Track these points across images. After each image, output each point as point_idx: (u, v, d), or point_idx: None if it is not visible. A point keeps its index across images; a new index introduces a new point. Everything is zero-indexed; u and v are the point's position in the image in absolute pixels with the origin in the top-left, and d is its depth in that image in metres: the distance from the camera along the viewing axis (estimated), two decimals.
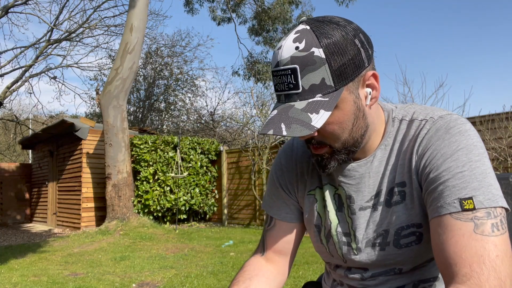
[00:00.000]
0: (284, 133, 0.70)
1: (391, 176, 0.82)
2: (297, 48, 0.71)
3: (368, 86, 0.77)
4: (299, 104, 0.72)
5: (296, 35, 0.73)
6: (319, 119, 0.70)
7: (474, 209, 0.67)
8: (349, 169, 0.85)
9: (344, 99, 0.74)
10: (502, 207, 0.68)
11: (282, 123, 0.71)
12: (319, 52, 0.70)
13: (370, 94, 0.77)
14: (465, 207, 0.68)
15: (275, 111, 0.75)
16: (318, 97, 0.72)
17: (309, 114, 0.71)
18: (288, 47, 0.72)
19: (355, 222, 0.86)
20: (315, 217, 0.92)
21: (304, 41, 0.71)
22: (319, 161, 0.82)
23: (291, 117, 0.71)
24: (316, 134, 0.76)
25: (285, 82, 0.73)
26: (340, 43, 0.71)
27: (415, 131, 0.81)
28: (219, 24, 12.65)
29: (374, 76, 0.77)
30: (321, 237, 0.92)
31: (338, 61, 0.71)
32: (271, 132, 0.71)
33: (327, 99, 0.71)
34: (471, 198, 0.68)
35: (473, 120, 5.84)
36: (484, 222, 0.67)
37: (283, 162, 0.98)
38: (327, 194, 0.90)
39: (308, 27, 0.73)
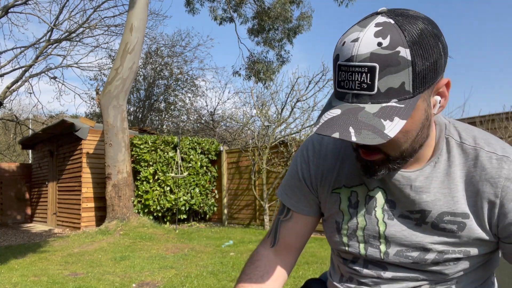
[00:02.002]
0: (354, 139, 0.62)
1: (447, 201, 0.77)
2: (379, 44, 0.63)
3: (438, 94, 0.71)
4: (371, 108, 0.64)
5: (378, 28, 0.64)
6: (393, 128, 0.63)
7: None
8: (393, 177, 0.79)
9: (417, 107, 0.67)
10: None
11: (351, 127, 0.63)
12: (405, 52, 0.63)
13: (439, 103, 0.72)
14: None
15: (337, 111, 0.66)
16: (393, 103, 0.64)
17: (382, 120, 0.63)
18: (368, 41, 0.64)
19: (391, 228, 0.81)
20: (338, 215, 0.88)
21: (389, 37, 0.63)
22: (368, 166, 0.75)
23: (361, 121, 0.63)
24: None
25: (358, 80, 0.64)
26: (426, 45, 0.64)
27: (485, 165, 0.75)
28: (220, 23, 12.65)
29: (447, 84, 0.71)
30: (341, 234, 0.88)
31: (421, 65, 0.64)
32: (336, 135, 0.63)
33: (403, 105, 0.64)
34: None
35: (473, 120, 5.84)
36: None
37: (310, 155, 0.92)
38: (360, 194, 0.85)
39: (392, 21, 0.65)
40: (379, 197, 0.82)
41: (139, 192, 8.30)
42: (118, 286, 3.85)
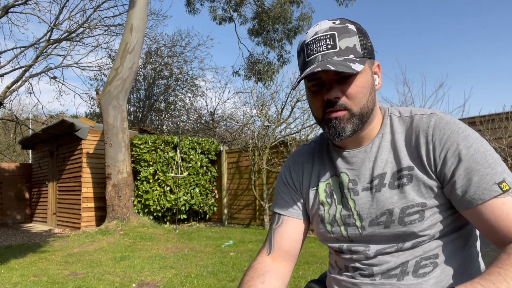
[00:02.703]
0: (332, 68, 0.82)
1: (395, 161, 0.92)
2: (334, 22, 0.90)
3: (375, 73, 0.94)
4: (338, 58, 0.86)
5: (331, 19, 0.92)
6: (357, 67, 0.84)
7: (509, 189, 0.81)
8: (351, 156, 0.97)
9: (366, 70, 0.90)
10: None
11: (328, 64, 0.84)
12: (352, 26, 0.90)
13: (376, 80, 0.94)
14: (503, 188, 0.81)
15: (313, 65, 0.87)
16: (351, 57, 0.87)
17: (348, 63, 0.85)
18: (325, 23, 0.90)
19: (358, 202, 0.95)
20: (319, 208, 1.01)
21: (338, 21, 0.91)
22: (336, 125, 0.91)
23: (334, 62, 0.85)
24: (341, 95, 0.89)
25: (324, 44, 0.88)
26: (363, 31, 0.92)
27: (419, 123, 0.92)
28: (220, 23, 12.64)
29: (379, 67, 0.95)
30: (325, 223, 1.00)
31: (364, 39, 0.90)
32: (318, 69, 0.83)
33: (359, 59, 0.87)
34: (503, 180, 0.81)
35: (473, 120, 5.84)
36: None
37: (290, 164, 1.10)
38: (333, 184, 1.00)
39: (339, 19, 0.92)
40: (344, 179, 0.97)
41: (139, 192, 8.30)
42: (118, 286, 3.85)
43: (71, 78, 53.00)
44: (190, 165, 8.87)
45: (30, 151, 15.27)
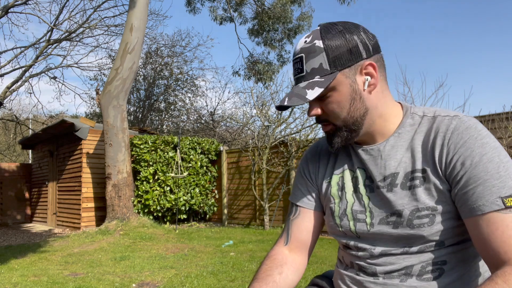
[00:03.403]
0: (285, 103, 0.88)
1: (409, 161, 0.91)
2: (305, 41, 0.91)
3: (366, 74, 0.90)
4: (303, 84, 0.89)
5: (308, 33, 0.93)
6: (312, 94, 0.86)
7: None
8: (365, 153, 0.97)
9: (341, 82, 0.89)
10: None
11: (287, 97, 0.90)
12: (319, 43, 0.88)
13: (367, 81, 0.90)
14: (507, 204, 0.77)
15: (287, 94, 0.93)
16: (316, 78, 0.88)
17: (306, 90, 0.88)
18: (301, 42, 0.92)
19: (373, 199, 0.95)
20: (330, 200, 1.03)
21: (311, 37, 0.91)
22: (328, 137, 0.96)
23: (293, 93, 0.89)
24: (320, 112, 0.92)
25: (297, 68, 0.91)
26: (338, 37, 0.88)
27: (440, 124, 0.89)
28: (221, 23, 12.64)
29: (372, 66, 0.90)
30: (334, 216, 1.01)
31: (335, 51, 0.88)
32: (278, 103, 0.91)
33: (323, 79, 0.87)
34: (511, 195, 0.77)
35: None
36: None
37: (308, 156, 1.12)
38: (346, 178, 1.01)
39: (318, 28, 0.92)
40: (361, 175, 0.98)
41: (139, 192, 8.30)
42: (118, 286, 3.85)
43: (71, 78, 53.00)
44: (190, 165, 8.87)
45: (30, 151, 15.27)
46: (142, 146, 8.44)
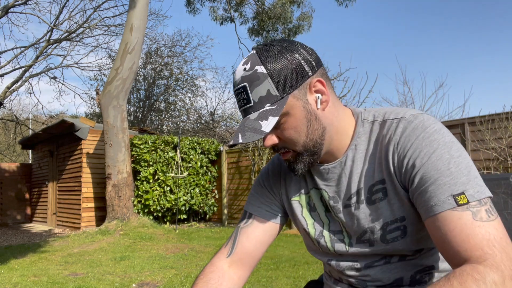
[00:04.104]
0: (240, 140, 0.79)
1: (369, 174, 0.87)
2: (245, 69, 0.83)
3: (316, 91, 0.84)
4: (253, 115, 0.82)
5: (245, 59, 0.85)
6: (268, 124, 0.79)
7: (468, 202, 0.72)
8: (326, 172, 0.92)
9: (293, 105, 0.82)
10: (488, 197, 0.74)
11: (240, 133, 0.81)
12: (261, 68, 0.81)
13: (319, 99, 0.84)
14: (459, 202, 0.72)
15: (237, 126, 0.85)
16: (267, 107, 0.81)
17: (259, 121, 0.80)
18: (239, 70, 0.84)
19: (343, 220, 0.91)
20: (302, 222, 0.98)
21: (249, 63, 0.83)
22: (289, 165, 0.89)
23: (246, 127, 0.81)
24: (276, 140, 0.85)
25: (241, 99, 0.84)
26: (279, 59, 0.82)
27: (388, 130, 0.85)
28: (221, 24, 12.65)
29: (320, 82, 0.84)
30: (312, 239, 0.97)
31: (280, 73, 0.81)
32: (231, 142, 0.82)
33: (275, 107, 0.81)
34: (463, 193, 0.73)
35: (473, 120, 5.84)
36: (479, 209, 0.72)
37: (270, 168, 1.06)
38: (315, 198, 0.96)
39: (254, 51, 0.85)
40: (325, 197, 0.93)
41: (139, 192, 8.30)
42: (118, 286, 3.85)
43: (71, 78, 53.00)
44: (190, 165, 8.87)
45: (30, 151, 15.26)
46: (142, 146, 8.44)
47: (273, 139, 0.85)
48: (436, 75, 24.06)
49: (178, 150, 8.41)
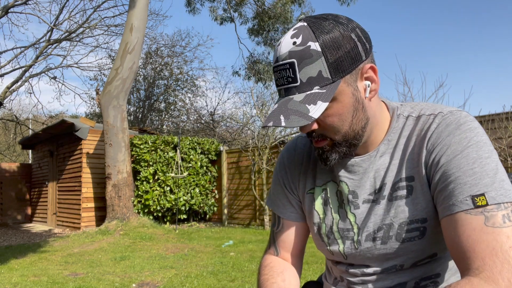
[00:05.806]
0: (283, 124, 0.72)
1: (397, 170, 0.83)
2: (294, 43, 0.74)
3: (366, 79, 0.78)
4: (298, 97, 0.74)
5: (294, 31, 0.76)
6: (316, 110, 0.72)
7: (486, 205, 0.68)
8: (352, 165, 0.87)
9: (343, 91, 0.75)
10: None
11: (282, 115, 0.73)
12: (315, 45, 0.73)
13: (369, 87, 0.78)
14: (477, 203, 0.68)
15: (276, 105, 0.77)
16: (316, 89, 0.74)
17: (307, 105, 0.73)
18: (286, 42, 0.75)
19: (358, 216, 0.87)
20: (314, 216, 0.94)
21: (301, 36, 0.74)
22: (321, 154, 0.83)
23: (290, 109, 0.73)
24: (316, 126, 0.78)
25: (285, 76, 0.75)
26: (336, 37, 0.74)
27: (423, 126, 0.81)
28: (221, 23, 12.65)
29: (372, 69, 0.78)
30: (321, 234, 0.93)
31: (334, 54, 0.73)
32: (271, 123, 0.73)
33: (325, 90, 0.73)
34: (483, 194, 0.68)
35: None
36: (495, 214, 0.67)
37: (285, 162, 1.00)
38: (330, 191, 0.91)
39: (305, 24, 0.76)
40: (344, 190, 0.88)
41: (139, 192, 8.30)
42: (118, 286, 3.85)
43: (71, 78, 52.97)
44: (190, 165, 8.87)
45: (30, 151, 15.26)
46: (142, 146, 8.44)
47: (313, 125, 0.78)
48: (436, 75, 24.08)
49: (178, 150, 8.41)
